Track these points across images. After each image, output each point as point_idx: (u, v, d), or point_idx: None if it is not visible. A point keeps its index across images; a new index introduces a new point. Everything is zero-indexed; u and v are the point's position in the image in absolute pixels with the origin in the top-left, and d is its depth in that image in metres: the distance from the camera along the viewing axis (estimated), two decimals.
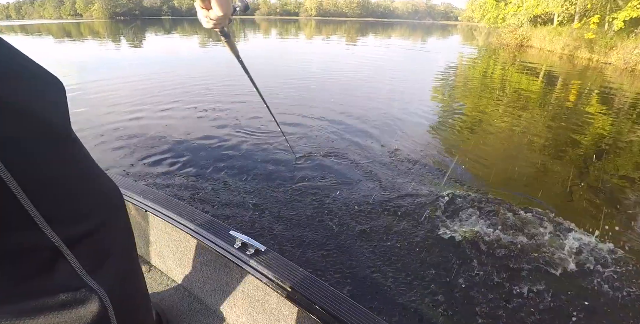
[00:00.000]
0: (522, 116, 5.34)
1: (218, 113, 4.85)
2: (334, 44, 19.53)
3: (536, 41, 18.77)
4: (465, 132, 4.56)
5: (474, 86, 8.06)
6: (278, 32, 31.69)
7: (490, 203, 2.62)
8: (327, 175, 3.07)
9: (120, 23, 49.58)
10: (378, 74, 9.10)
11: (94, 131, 4.05)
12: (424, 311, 1.70)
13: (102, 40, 19.14)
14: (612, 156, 3.88)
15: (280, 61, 11.26)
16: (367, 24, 64.24)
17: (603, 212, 2.60)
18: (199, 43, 18.14)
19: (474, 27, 29.50)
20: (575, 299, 1.77)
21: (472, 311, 1.69)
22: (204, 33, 23.59)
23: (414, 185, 2.90)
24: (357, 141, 3.87)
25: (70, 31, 29.67)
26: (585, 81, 9.05)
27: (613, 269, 1.97)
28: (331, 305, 0.85)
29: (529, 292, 1.80)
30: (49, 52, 13.40)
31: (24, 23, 53.60)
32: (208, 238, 1.07)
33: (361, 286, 1.85)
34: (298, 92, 6.29)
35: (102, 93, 5.95)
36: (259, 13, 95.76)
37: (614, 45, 12.93)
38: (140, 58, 11.87)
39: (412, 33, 35.78)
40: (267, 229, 2.30)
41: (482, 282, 1.86)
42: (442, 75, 9.44)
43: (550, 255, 2.05)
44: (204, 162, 3.26)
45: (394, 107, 5.51)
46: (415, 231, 2.29)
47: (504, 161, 3.69)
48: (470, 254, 2.07)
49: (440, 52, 16.94)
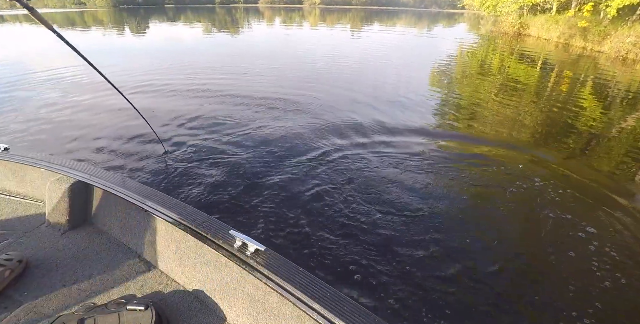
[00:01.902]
0: (513, 102, 5.59)
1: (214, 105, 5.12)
2: (338, 32, 19.48)
3: (534, 29, 18.63)
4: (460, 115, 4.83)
5: (472, 74, 8.27)
6: (282, 20, 31.48)
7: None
8: (335, 169, 3.29)
9: (123, 12, 49.31)
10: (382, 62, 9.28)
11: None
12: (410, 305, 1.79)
13: (105, 30, 19.21)
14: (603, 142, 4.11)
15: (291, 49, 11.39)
16: (372, 12, 63.22)
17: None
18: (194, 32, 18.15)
19: (481, 15, 29.01)
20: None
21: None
22: (207, 22, 23.52)
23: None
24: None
25: (75, 19, 29.70)
26: (576, 70, 9.15)
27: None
28: (331, 305, 0.85)
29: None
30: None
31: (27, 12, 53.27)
32: (208, 238, 1.07)
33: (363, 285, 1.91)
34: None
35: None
36: (263, 1, 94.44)
37: (608, 33, 12.84)
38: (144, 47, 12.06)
39: (418, 22, 35.29)
40: (268, 229, 2.34)
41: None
42: (442, 63, 9.61)
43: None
44: (205, 160, 3.39)
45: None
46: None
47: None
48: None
49: (443, 39, 16.89)
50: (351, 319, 0.81)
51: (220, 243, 1.05)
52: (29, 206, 1.62)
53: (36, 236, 1.43)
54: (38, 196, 1.64)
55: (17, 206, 1.61)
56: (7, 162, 1.63)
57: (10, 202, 1.64)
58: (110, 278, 1.25)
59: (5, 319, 1.05)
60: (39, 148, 3.53)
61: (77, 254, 1.35)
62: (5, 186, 1.71)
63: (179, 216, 1.15)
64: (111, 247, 1.40)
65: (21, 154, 1.60)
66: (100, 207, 1.49)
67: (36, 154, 1.59)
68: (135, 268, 1.30)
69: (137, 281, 1.25)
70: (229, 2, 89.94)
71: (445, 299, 1.86)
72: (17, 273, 1.19)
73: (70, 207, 1.45)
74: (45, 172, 1.55)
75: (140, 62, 8.84)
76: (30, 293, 1.16)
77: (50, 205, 1.47)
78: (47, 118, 4.48)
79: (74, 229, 1.47)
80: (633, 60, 10.87)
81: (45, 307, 1.11)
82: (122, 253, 1.37)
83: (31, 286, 1.19)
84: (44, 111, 4.80)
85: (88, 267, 1.29)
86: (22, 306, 1.10)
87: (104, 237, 1.45)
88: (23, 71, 7.54)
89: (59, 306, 1.12)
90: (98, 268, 1.29)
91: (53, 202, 1.45)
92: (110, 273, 1.27)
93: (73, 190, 1.44)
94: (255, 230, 2.34)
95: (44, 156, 1.59)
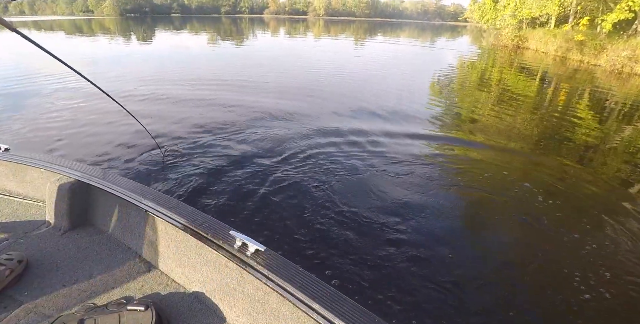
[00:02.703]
0: (510, 112, 5.64)
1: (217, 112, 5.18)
2: (343, 43, 19.76)
3: (533, 43, 18.91)
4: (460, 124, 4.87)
5: (471, 86, 8.39)
6: (286, 31, 31.98)
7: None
8: (334, 169, 3.32)
9: (130, 20, 50.23)
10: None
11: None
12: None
13: (111, 39, 19.54)
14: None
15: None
16: (376, 24, 64.18)
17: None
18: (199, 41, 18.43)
19: (483, 28, 29.46)
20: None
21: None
22: (213, 31, 23.89)
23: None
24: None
25: (82, 27, 30.24)
26: (573, 84, 9.29)
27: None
28: (331, 305, 0.84)
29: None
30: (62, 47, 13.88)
31: (36, 19, 54.51)
32: (208, 238, 1.07)
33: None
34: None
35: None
36: (268, 11, 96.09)
37: (604, 47, 13.01)
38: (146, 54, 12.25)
39: (421, 34, 35.82)
40: (268, 229, 2.34)
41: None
42: (442, 74, 9.75)
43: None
44: (206, 159, 3.42)
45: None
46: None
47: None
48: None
49: (445, 50, 17.11)
50: (351, 319, 0.81)
51: (220, 243, 1.05)
52: (29, 206, 1.61)
53: (36, 236, 1.42)
54: (38, 197, 1.64)
55: (17, 207, 1.61)
56: (7, 163, 1.63)
57: (10, 202, 1.64)
58: (111, 278, 1.24)
59: (5, 319, 1.04)
60: (39, 148, 3.55)
61: (77, 254, 1.34)
62: (6, 186, 1.71)
63: (179, 216, 1.15)
64: (111, 247, 1.40)
65: (21, 154, 1.60)
66: (101, 208, 1.49)
67: (36, 155, 1.59)
68: (136, 268, 1.30)
69: (137, 281, 1.24)
70: (234, 12, 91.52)
71: (435, 303, 1.85)
72: (17, 272, 1.19)
73: (70, 207, 1.45)
74: (45, 173, 1.56)
75: (143, 69, 8.98)
76: (30, 293, 1.15)
77: (50, 205, 1.47)
78: (47, 120, 4.50)
79: (74, 229, 1.47)
80: (628, 74, 10.99)
81: (45, 307, 1.10)
82: (122, 253, 1.37)
83: (31, 286, 1.18)
84: (44, 112, 4.83)
85: (88, 267, 1.29)
86: (22, 306, 1.10)
87: (104, 237, 1.45)
88: (23, 74, 7.62)
89: (59, 306, 1.12)
90: (98, 268, 1.29)
91: (53, 203, 1.45)
92: (110, 273, 1.26)
93: (73, 190, 1.44)
94: (255, 230, 2.33)
95: (44, 156, 1.59)
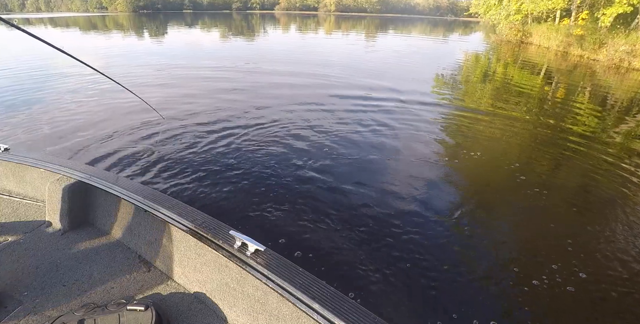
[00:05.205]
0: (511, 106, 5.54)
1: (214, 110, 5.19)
2: (354, 39, 19.62)
3: (536, 38, 18.74)
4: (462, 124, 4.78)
5: (475, 81, 8.48)
6: (297, 27, 31.91)
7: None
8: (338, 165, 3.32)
9: (143, 16, 50.70)
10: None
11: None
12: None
13: (124, 35, 19.78)
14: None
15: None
16: (387, 19, 63.41)
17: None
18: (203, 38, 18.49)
19: (495, 24, 28.97)
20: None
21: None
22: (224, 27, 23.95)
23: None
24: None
25: (97, 23, 30.68)
26: (572, 78, 9.22)
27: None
28: (331, 305, 0.85)
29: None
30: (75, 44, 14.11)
31: (52, 16, 55.46)
32: (208, 238, 1.07)
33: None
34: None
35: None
36: (279, 7, 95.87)
37: (604, 42, 12.79)
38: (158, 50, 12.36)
39: (433, 30, 35.34)
40: (268, 229, 2.34)
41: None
42: (448, 68, 9.80)
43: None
44: (207, 160, 3.40)
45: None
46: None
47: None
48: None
49: (457, 43, 16.92)
50: (351, 319, 0.81)
51: (220, 243, 1.04)
52: (29, 206, 1.62)
53: (36, 236, 1.42)
54: (38, 197, 1.64)
55: (17, 207, 1.61)
56: (7, 163, 1.64)
57: (10, 202, 1.64)
58: (110, 278, 1.24)
59: (5, 319, 1.05)
60: (39, 148, 3.57)
61: (77, 254, 1.34)
62: (6, 186, 1.72)
63: (179, 216, 1.14)
64: (111, 247, 1.39)
65: (21, 154, 1.60)
66: (100, 208, 1.49)
67: (36, 155, 1.59)
68: (135, 268, 1.29)
69: (137, 281, 1.24)
70: (245, 8, 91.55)
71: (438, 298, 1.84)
72: None
73: (70, 207, 1.45)
74: (45, 173, 1.56)
75: (154, 62, 9.05)
76: (30, 293, 1.15)
77: (50, 205, 1.47)
78: (48, 118, 4.52)
79: (74, 230, 1.47)
80: (626, 69, 10.87)
81: (45, 307, 1.10)
82: (122, 253, 1.37)
83: (31, 286, 1.18)
84: (44, 111, 4.84)
85: (88, 267, 1.29)
86: (22, 306, 1.10)
87: (104, 237, 1.45)
88: (23, 72, 7.68)
89: (59, 306, 1.12)
90: (98, 268, 1.29)
91: (53, 203, 1.45)
92: (110, 273, 1.26)
93: (73, 190, 1.44)
94: (255, 230, 2.32)
95: (44, 156, 1.59)
